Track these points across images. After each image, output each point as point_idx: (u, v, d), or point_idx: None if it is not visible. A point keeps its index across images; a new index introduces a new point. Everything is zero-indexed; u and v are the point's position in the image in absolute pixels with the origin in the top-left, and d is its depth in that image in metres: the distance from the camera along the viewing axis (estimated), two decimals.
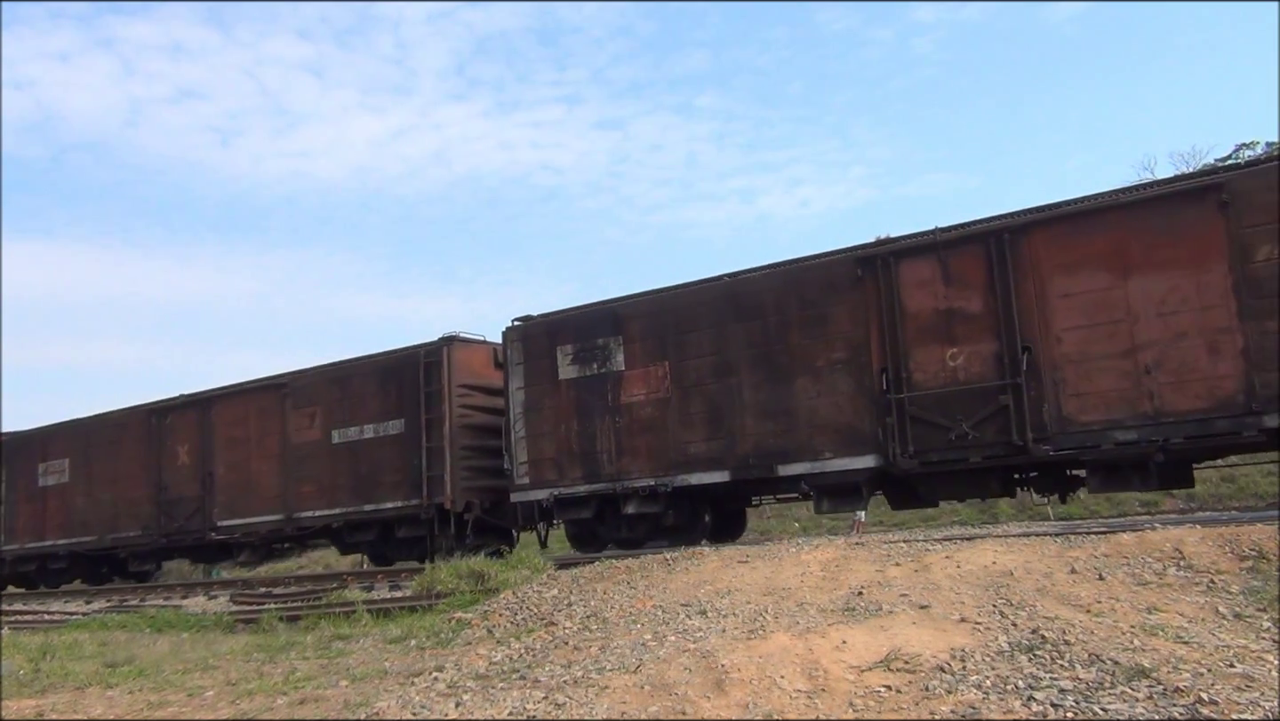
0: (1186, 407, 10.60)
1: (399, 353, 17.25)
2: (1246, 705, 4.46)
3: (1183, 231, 10.75)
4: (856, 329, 12.52)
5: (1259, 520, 7.78)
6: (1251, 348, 10.28)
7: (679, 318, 13.91)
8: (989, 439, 11.63)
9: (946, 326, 12.00)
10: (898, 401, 12.08)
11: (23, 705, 7.72)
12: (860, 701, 5.02)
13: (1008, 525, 14.45)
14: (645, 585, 8.72)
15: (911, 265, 12.34)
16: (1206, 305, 10.57)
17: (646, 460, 13.88)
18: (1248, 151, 28.66)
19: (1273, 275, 10.27)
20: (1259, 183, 10.46)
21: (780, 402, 12.94)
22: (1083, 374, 11.16)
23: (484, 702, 5.88)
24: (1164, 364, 10.75)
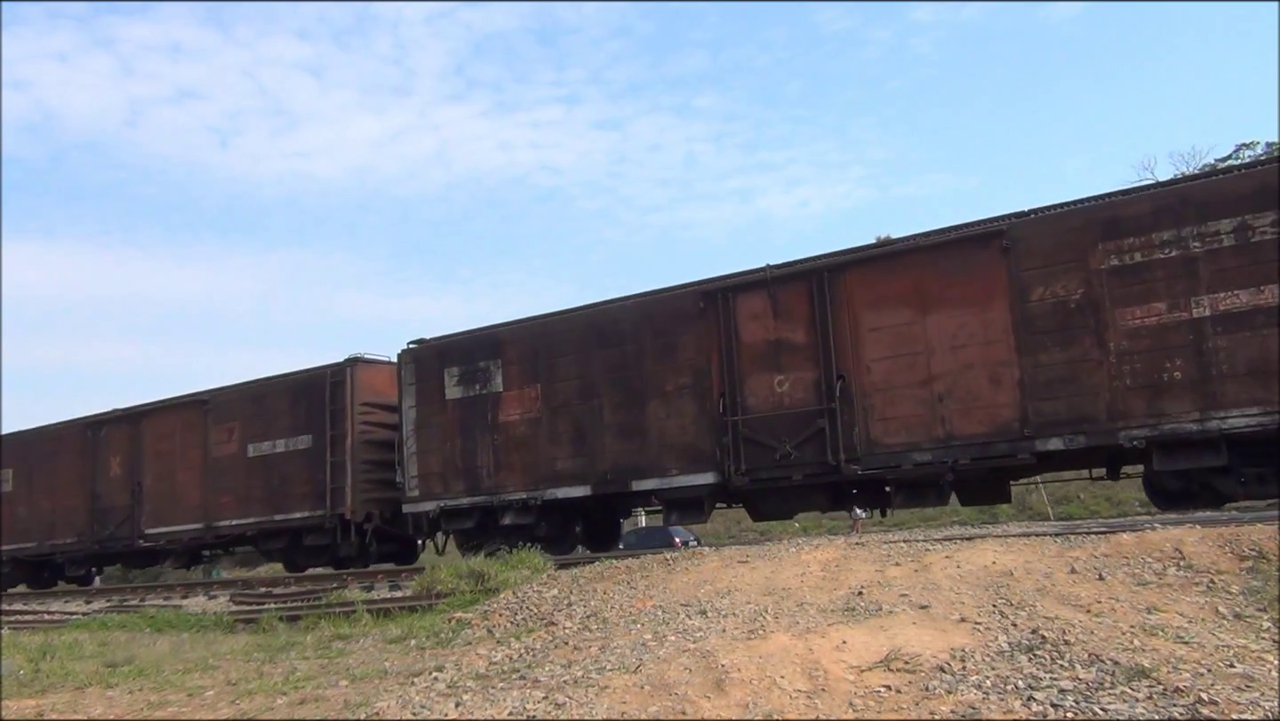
0: (972, 432, 11.80)
1: (308, 372, 18.34)
2: (1246, 705, 4.46)
3: (971, 273, 11.95)
4: (700, 357, 13.68)
5: (1259, 520, 7.78)
6: (1026, 379, 11.52)
7: (550, 343, 15.05)
8: (809, 459, 12.76)
9: (776, 355, 13.16)
10: (733, 423, 13.25)
11: (23, 705, 7.72)
12: (860, 701, 5.02)
13: (1008, 525, 14.45)
14: (645, 585, 8.72)
15: (747, 299, 13.49)
16: (990, 340, 11.77)
17: (520, 475, 15.01)
18: (1248, 151, 28.69)
19: (1045, 313, 11.50)
20: (1034, 230, 11.71)
21: (635, 423, 14.09)
22: (888, 401, 12.38)
23: (484, 702, 5.88)
24: (954, 392, 11.95)
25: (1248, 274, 10.61)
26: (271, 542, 18.91)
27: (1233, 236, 10.72)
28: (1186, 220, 10.96)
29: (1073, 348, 11.39)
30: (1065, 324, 11.45)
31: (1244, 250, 10.64)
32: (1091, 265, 11.35)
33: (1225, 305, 10.73)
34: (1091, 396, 11.26)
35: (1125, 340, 11.14)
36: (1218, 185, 11.24)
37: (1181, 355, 10.86)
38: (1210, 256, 10.81)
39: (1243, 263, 10.64)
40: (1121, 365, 11.14)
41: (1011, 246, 11.77)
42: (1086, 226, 11.49)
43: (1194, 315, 10.84)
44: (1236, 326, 10.65)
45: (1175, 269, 10.97)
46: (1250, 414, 10.51)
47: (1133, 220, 11.28)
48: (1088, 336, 11.33)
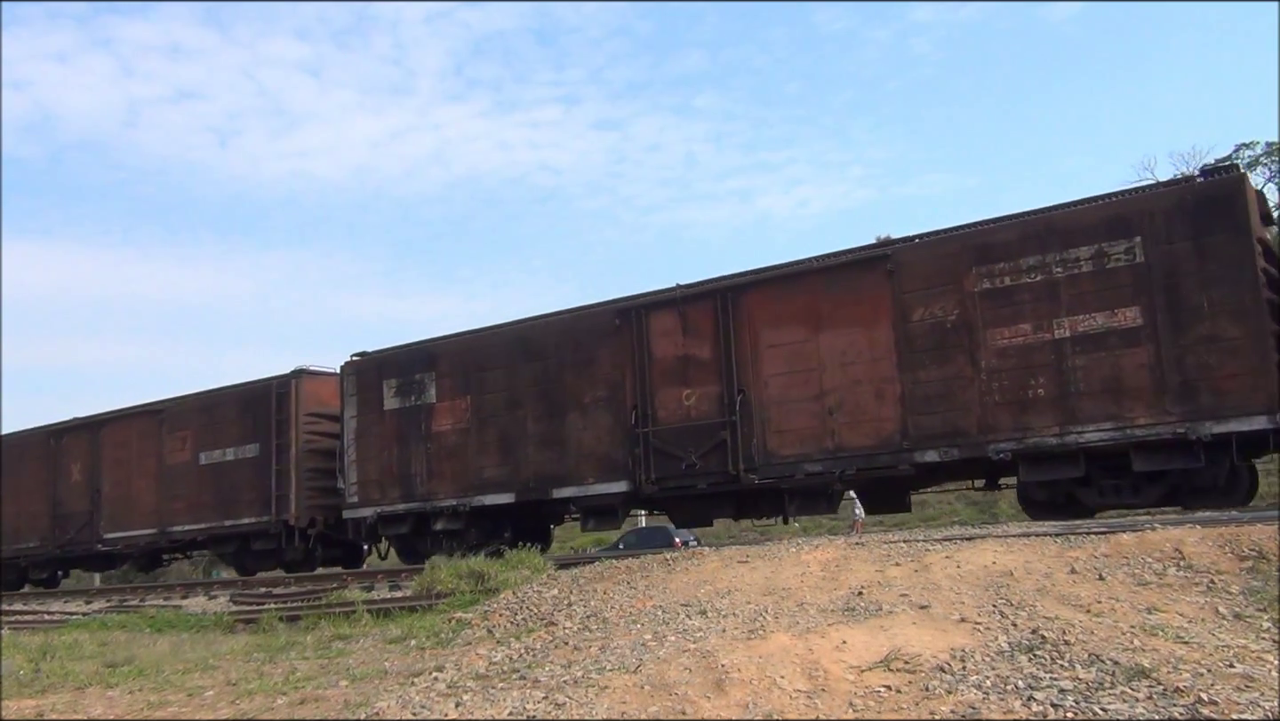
0: (858, 444, 12.52)
1: (257, 383, 19.08)
2: (1246, 705, 4.46)
3: (859, 294, 12.69)
4: (616, 371, 14.39)
5: (1259, 520, 7.78)
6: (907, 395, 12.26)
7: (480, 357, 15.79)
8: (713, 469, 13.48)
9: (684, 370, 13.88)
10: (644, 435, 13.96)
11: (23, 705, 7.72)
12: (860, 701, 5.02)
13: (1008, 525, 14.45)
14: (645, 585, 8.72)
15: (659, 317, 14.21)
16: (876, 358, 12.49)
17: (451, 482, 15.76)
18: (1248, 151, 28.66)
19: (924, 333, 12.22)
20: (915, 255, 12.47)
21: (556, 434, 14.83)
22: (783, 414, 13.04)
23: (484, 702, 5.88)
24: (843, 407, 12.67)
25: (1103, 298, 11.30)
26: (222, 547, 19.76)
27: (1091, 263, 11.38)
28: (1050, 246, 11.62)
29: (948, 365, 12.11)
30: (942, 343, 12.17)
31: (1100, 275, 11.32)
32: (966, 288, 12.05)
33: (1083, 327, 11.41)
34: (964, 411, 11.95)
35: (995, 359, 11.84)
36: (1078, 214, 11.73)
37: (1044, 373, 11.54)
38: (1071, 281, 11.49)
39: (1099, 287, 11.32)
40: (991, 382, 11.84)
41: (895, 270, 12.50)
42: (962, 252, 12.17)
43: (1055, 336, 11.52)
44: (1093, 347, 11.33)
45: (1040, 292, 11.64)
46: (1104, 429, 11.21)
47: (1003, 246, 11.92)
48: (962, 355, 12.04)
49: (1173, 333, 10.96)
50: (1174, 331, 10.95)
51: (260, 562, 19.45)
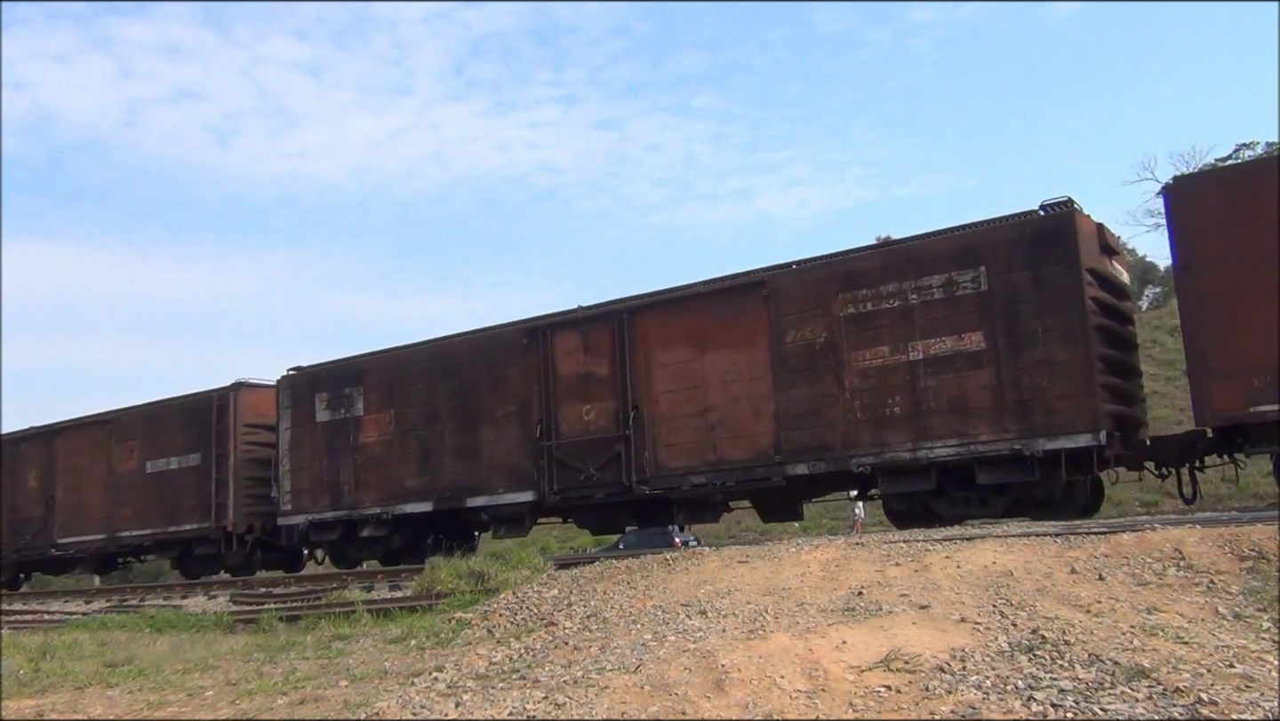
0: (738, 458, 13.27)
1: (199, 395, 19.92)
2: (1246, 705, 4.45)
3: (740, 317, 13.45)
4: (524, 387, 15.20)
5: (1259, 520, 7.78)
6: (780, 411, 13.03)
7: (403, 373, 16.67)
8: (609, 480, 14.24)
9: (585, 387, 14.64)
10: (548, 447, 14.79)
11: (23, 705, 7.72)
12: (860, 701, 5.02)
13: (1008, 525, 14.45)
14: (645, 585, 8.71)
15: (563, 336, 15.01)
16: (754, 377, 13.23)
17: (376, 491, 16.64)
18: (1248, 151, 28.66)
19: (796, 354, 12.95)
20: (790, 280, 13.24)
21: (470, 446, 15.66)
22: (672, 429, 13.88)
23: (484, 702, 5.88)
24: (724, 422, 13.42)
25: (952, 323, 12.07)
26: (167, 552, 20.57)
27: (942, 290, 12.18)
28: (907, 275, 12.41)
29: (817, 385, 12.87)
30: (812, 364, 12.95)
31: (950, 302, 12.11)
32: (833, 312, 12.85)
33: (934, 350, 12.17)
34: (831, 428, 12.73)
35: (857, 379, 12.62)
36: (932, 245, 12.50)
37: (900, 393, 12.31)
38: (924, 307, 12.28)
39: (949, 313, 12.10)
40: (854, 401, 12.63)
41: (771, 295, 13.30)
42: (830, 279, 12.98)
43: (910, 358, 12.31)
44: (942, 369, 12.09)
45: (897, 317, 12.44)
46: (951, 445, 11.96)
47: (866, 274, 12.73)
48: (829, 375, 12.80)
49: (1011, 356, 11.68)
50: (1012, 355, 11.68)
51: (203, 567, 20.19)
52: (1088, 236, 11.80)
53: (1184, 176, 11.48)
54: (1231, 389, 10.62)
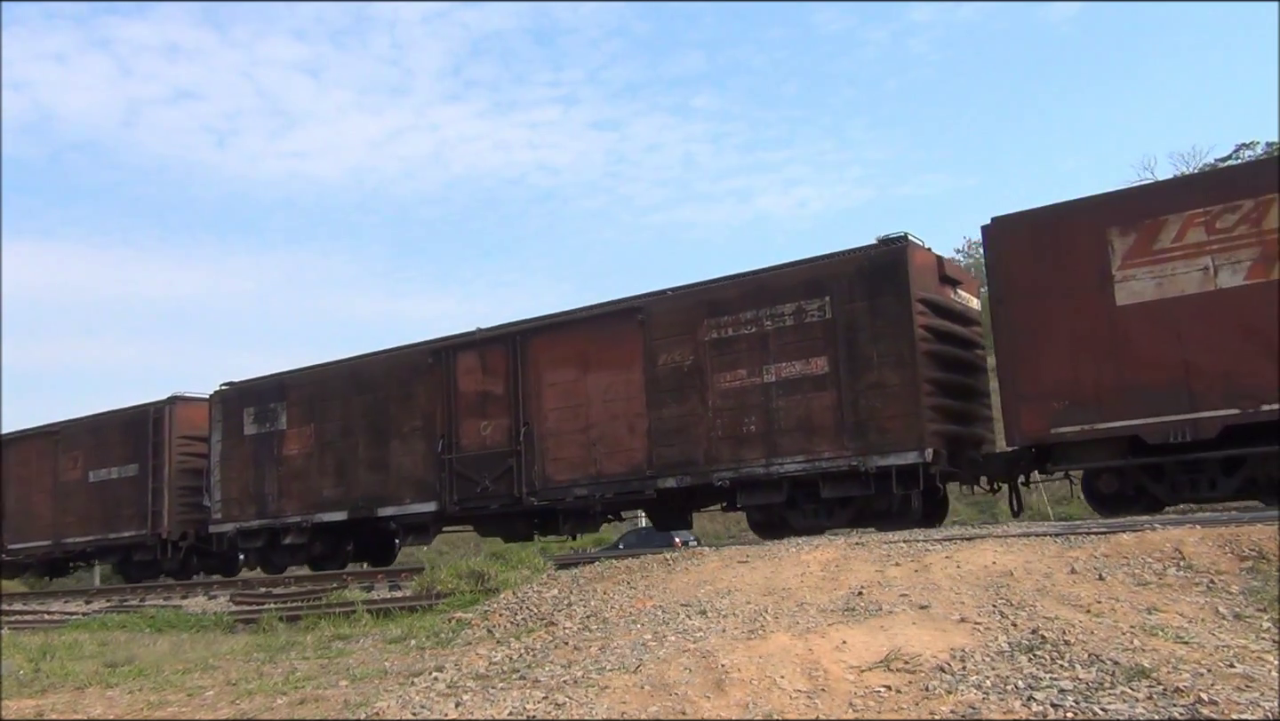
0: (615, 472, 14.28)
1: (138, 408, 21.03)
2: (1246, 705, 4.45)
3: (618, 341, 14.46)
4: (429, 404, 16.23)
5: (1259, 520, 7.77)
6: (653, 429, 13.99)
7: (322, 389, 17.77)
8: (502, 492, 15.28)
9: (483, 404, 15.72)
10: (449, 460, 15.84)
11: (23, 705, 7.72)
12: (860, 701, 5.02)
13: (1008, 525, 14.46)
14: (645, 585, 8.72)
15: (464, 357, 16.06)
16: (629, 396, 14.24)
17: (297, 501, 17.73)
18: (1248, 151, 28.69)
19: (667, 376, 13.95)
20: (662, 307, 14.28)
21: (381, 459, 16.78)
22: (559, 444, 14.85)
23: (484, 702, 5.88)
24: (604, 439, 14.44)
25: (801, 348, 13.05)
26: (108, 557, 21.93)
27: (792, 317, 13.15)
28: (763, 303, 13.38)
29: (685, 404, 13.85)
30: (680, 385, 13.90)
31: (799, 329, 13.09)
32: (699, 337, 13.83)
33: (785, 373, 13.14)
34: (696, 444, 13.70)
35: (719, 399, 13.58)
36: (786, 275, 13.44)
37: (755, 413, 13.27)
38: (777, 333, 13.26)
39: (798, 339, 13.08)
40: (716, 419, 13.58)
41: (646, 320, 14.32)
42: (696, 306, 13.96)
43: (764, 381, 13.27)
44: (792, 390, 13.06)
45: (754, 342, 13.40)
46: (798, 461, 12.94)
47: (727, 302, 13.69)
48: (695, 395, 13.77)
49: (851, 379, 12.70)
50: (852, 378, 12.70)
51: (142, 572, 21.19)
52: (922, 269, 12.82)
53: (1000, 217, 12.15)
54: (1036, 412, 11.60)
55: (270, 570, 18.48)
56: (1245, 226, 10.69)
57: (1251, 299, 10.58)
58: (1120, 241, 11.26)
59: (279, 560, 18.42)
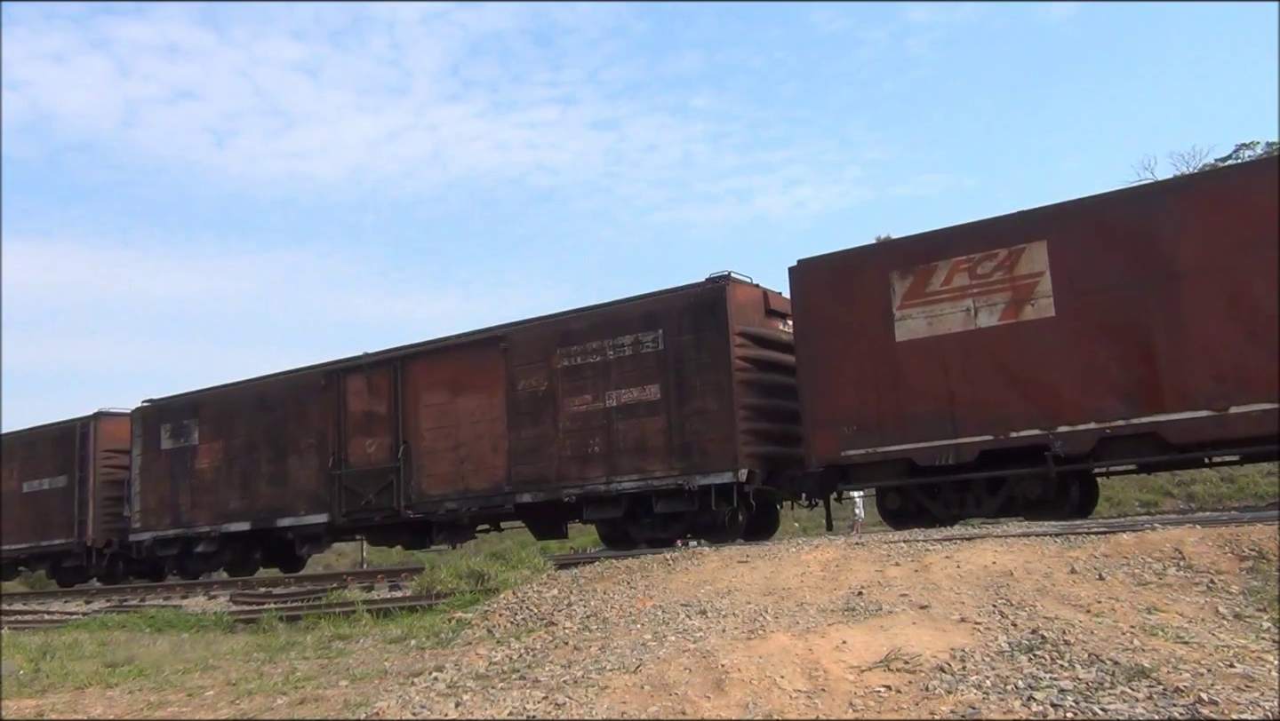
0: (480, 487, 15.55)
1: (66, 424, 22.31)
2: (1246, 705, 4.45)
3: (485, 367, 15.71)
4: (322, 422, 17.57)
5: (1259, 520, 7.77)
6: (512, 448, 15.22)
7: (231, 407, 19.03)
8: (384, 505, 16.58)
9: (369, 424, 16.99)
10: (338, 476, 17.14)
11: (23, 705, 7.72)
12: (860, 701, 5.02)
13: (1008, 525, 14.46)
14: (645, 585, 8.72)
15: (353, 379, 17.34)
16: (493, 418, 15.48)
17: (208, 512, 18.98)
18: (1248, 151, 28.65)
19: (526, 400, 15.18)
20: (522, 336, 15.45)
21: (281, 473, 18.01)
22: (433, 461, 16.09)
23: (484, 702, 5.88)
24: (471, 457, 15.69)
25: (638, 376, 14.18)
26: (42, 564, 22.92)
27: (631, 348, 14.31)
28: (607, 334, 14.54)
29: (540, 426, 14.99)
30: (536, 408, 15.06)
31: (637, 359, 14.23)
32: (553, 365, 15.00)
33: (624, 399, 14.28)
34: (548, 463, 14.84)
35: (568, 422, 14.73)
36: (627, 309, 14.61)
37: (599, 435, 14.42)
38: (618, 362, 14.41)
39: (635, 368, 14.22)
40: (565, 440, 14.72)
41: (509, 348, 15.51)
42: (551, 336, 15.12)
43: (607, 405, 14.40)
44: (629, 415, 14.20)
45: (598, 370, 14.56)
46: (634, 479, 14.10)
47: (577, 332, 14.86)
48: (548, 418, 14.91)
49: (678, 405, 13.82)
50: (679, 404, 13.82)
51: (73, 578, 22.32)
52: (744, 305, 13.98)
53: (804, 260, 13.17)
54: (830, 436, 12.68)
55: (187, 576, 19.78)
56: (1001, 272, 11.78)
57: (1004, 337, 11.69)
58: (900, 284, 12.34)
59: (194, 567, 19.70)
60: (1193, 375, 10.65)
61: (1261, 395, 10.25)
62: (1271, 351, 10.19)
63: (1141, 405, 10.89)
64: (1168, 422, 10.75)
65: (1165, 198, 11.19)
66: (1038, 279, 11.50)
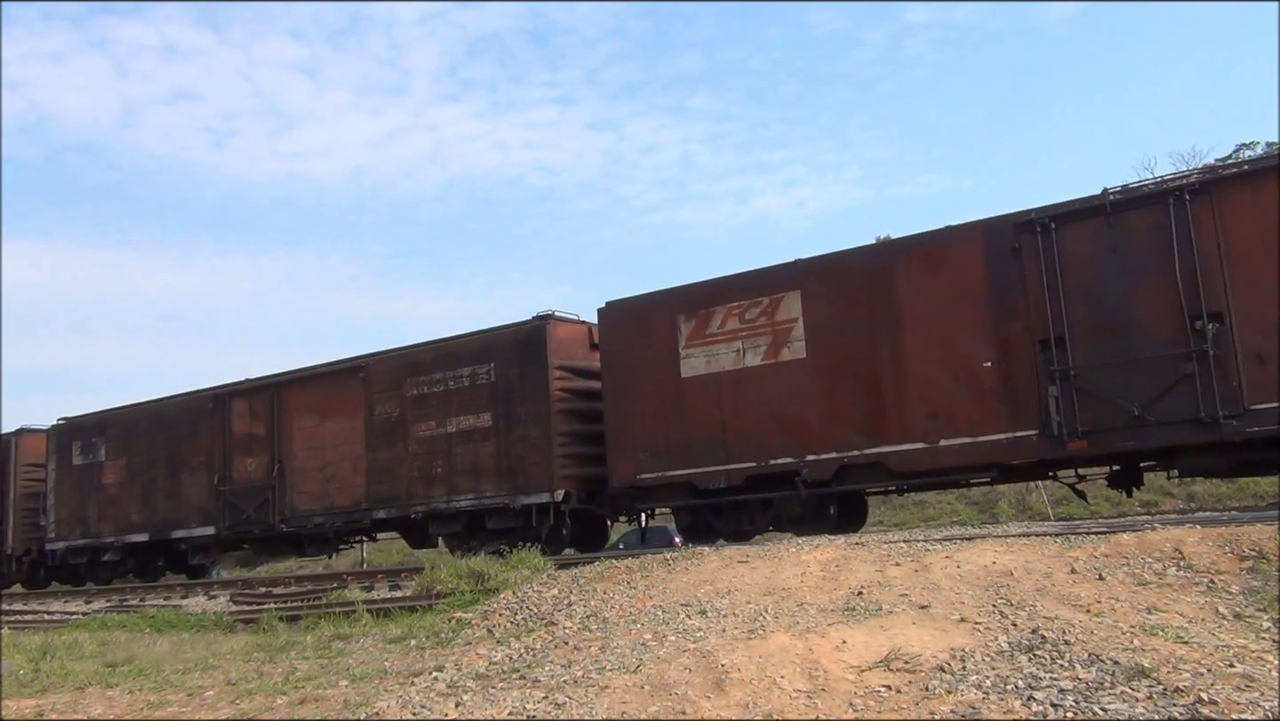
0: (343, 504, 16.99)
1: None
2: (1246, 705, 4.45)
3: (347, 394, 17.19)
4: (211, 442, 18.98)
5: (1259, 520, 7.78)
6: (369, 469, 16.67)
7: (133, 427, 20.42)
8: (261, 519, 17.90)
9: (250, 444, 18.42)
10: (224, 492, 18.58)
11: (23, 705, 7.72)
12: (860, 701, 5.02)
13: (1008, 525, 14.46)
14: (645, 585, 8.71)
15: (237, 402, 18.78)
16: (354, 441, 16.90)
17: (112, 524, 20.40)
18: (1248, 151, 28.64)
19: (381, 425, 16.57)
20: (379, 366, 16.91)
21: (175, 488, 19.47)
22: (303, 479, 17.53)
23: (484, 702, 5.88)
24: (335, 476, 17.13)
25: (474, 405, 15.54)
26: None
27: (469, 379, 15.68)
28: (450, 366, 15.92)
29: (392, 449, 16.36)
30: (390, 432, 16.43)
31: (474, 389, 15.57)
32: (405, 393, 16.37)
33: (462, 425, 15.63)
34: (399, 483, 16.21)
35: (416, 445, 16.08)
36: (467, 343, 15.96)
37: (441, 458, 15.78)
38: (458, 392, 15.75)
39: (472, 397, 15.57)
40: (414, 462, 16.07)
41: (367, 377, 16.86)
42: (403, 366, 16.51)
43: (449, 431, 15.77)
44: (467, 440, 15.55)
45: (442, 399, 15.92)
46: (469, 498, 15.43)
47: (425, 364, 16.24)
48: (400, 442, 16.29)
49: (506, 432, 15.13)
50: (507, 431, 15.13)
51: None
52: (566, 340, 15.23)
53: (610, 302, 14.66)
54: (628, 461, 14.05)
55: (98, 582, 21.02)
56: (764, 318, 13.18)
57: (766, 376, 13.08)
58: (685, 326, 13.79)
59: (102, 574, 21.10)
60: (911, 412, 12.11)
61: (964, 430, 11.78)
62: (972, 392, 11.69)
63: (872, 437, 12.35)
64: (890, 453, 12.23)
65: (894, 254, 12.51)
66: (793, 324, 12.96)
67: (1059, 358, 11.20)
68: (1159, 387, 10.71)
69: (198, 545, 19.37)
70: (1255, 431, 10.22)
